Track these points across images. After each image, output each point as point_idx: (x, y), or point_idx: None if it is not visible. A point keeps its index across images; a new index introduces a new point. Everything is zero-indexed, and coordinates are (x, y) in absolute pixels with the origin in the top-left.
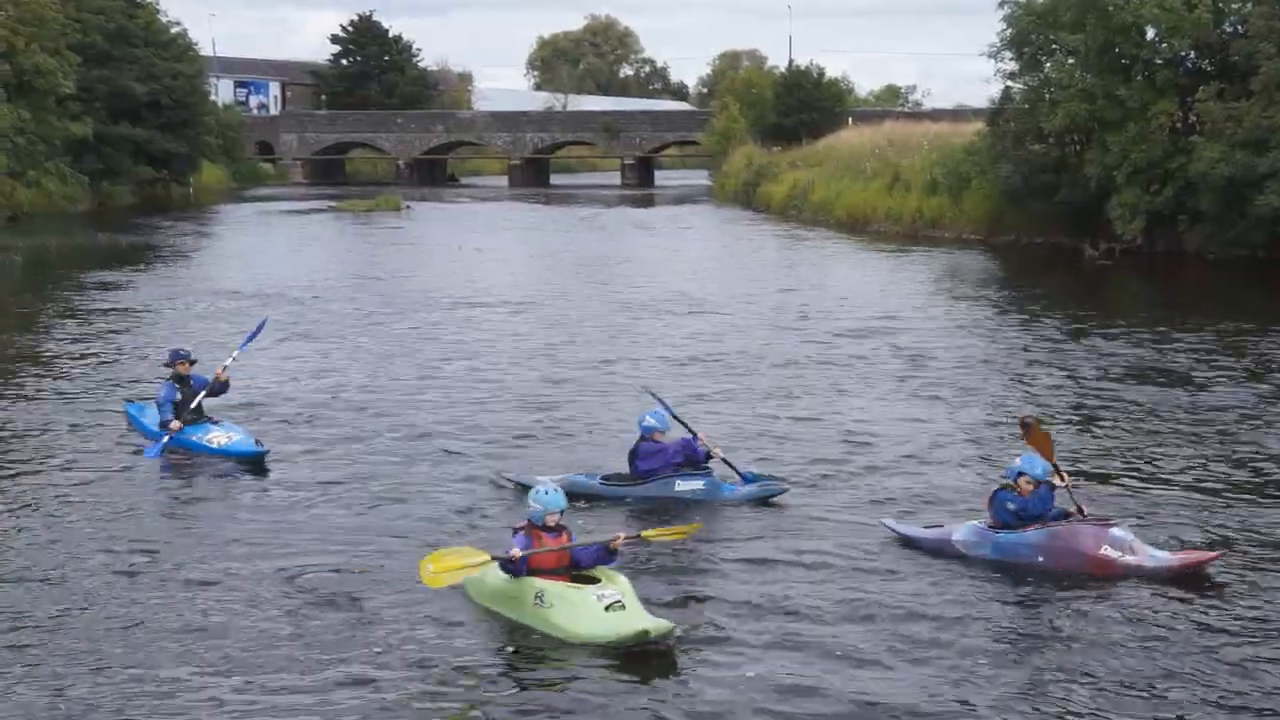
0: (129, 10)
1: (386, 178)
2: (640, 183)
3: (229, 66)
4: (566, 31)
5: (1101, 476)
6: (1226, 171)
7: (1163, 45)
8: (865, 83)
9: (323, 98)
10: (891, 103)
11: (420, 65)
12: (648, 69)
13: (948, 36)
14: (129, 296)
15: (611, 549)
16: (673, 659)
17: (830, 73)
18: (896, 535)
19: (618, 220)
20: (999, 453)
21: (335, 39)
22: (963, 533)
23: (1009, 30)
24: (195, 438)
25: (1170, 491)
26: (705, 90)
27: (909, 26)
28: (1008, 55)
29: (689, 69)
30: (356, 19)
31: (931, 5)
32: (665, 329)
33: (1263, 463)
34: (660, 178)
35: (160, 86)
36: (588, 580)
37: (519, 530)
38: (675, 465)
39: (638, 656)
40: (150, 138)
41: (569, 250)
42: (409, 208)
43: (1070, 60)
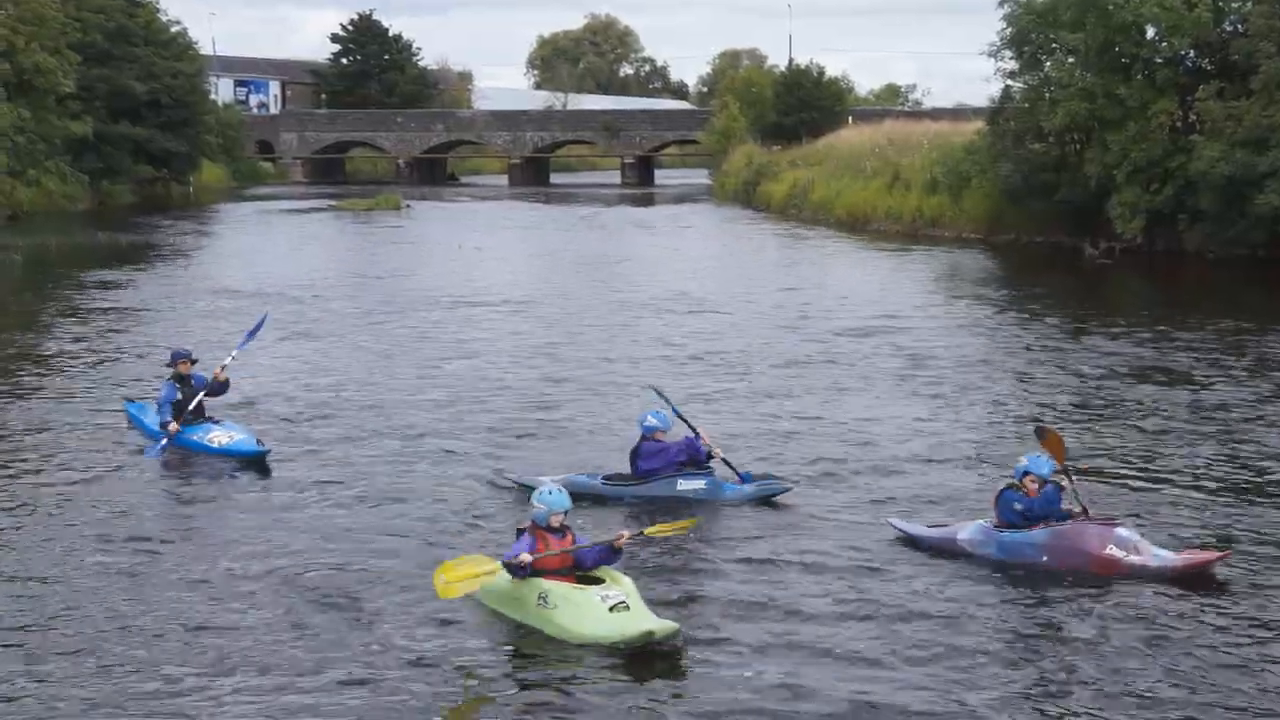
0: (129, 9)
1: (386, 177)
2: (640, 182)
3: (229, 65)
4: (566, 30)
5: (1101, 475)
6: (1226, 170)
7: (1163, 44)
8: (865, 82)
9: (323, 97)
10: (891, 102)
11: (420, 64)
12: (648, 68)
13: (948, 35)
14: (129, 295)
15: (615, 548)
16: (676, 660)
17: (830, 72)
18: (902, 534)
19: (618, 219)
20: (999, 452)
21: (335, 38)
22: (968, 532)
23: (1009, 29)
24: (196, 437)
25: (1170, 490)
26: (705, 89)
27: (909, 25)
28: (1008, 54)
29: (689, 68)
30: (356, 18)
31: (931, 4)
32: (665, 328)
33: (1263, 461)
34: (660, 177)
35: (160, 85)
36: (592, 581)
37: (523, 531)
38: (678, 465)
39: (641, 657)
40: (150, 137)
41: (569, 249)
42: (409, 207)
43: (1070, 59)
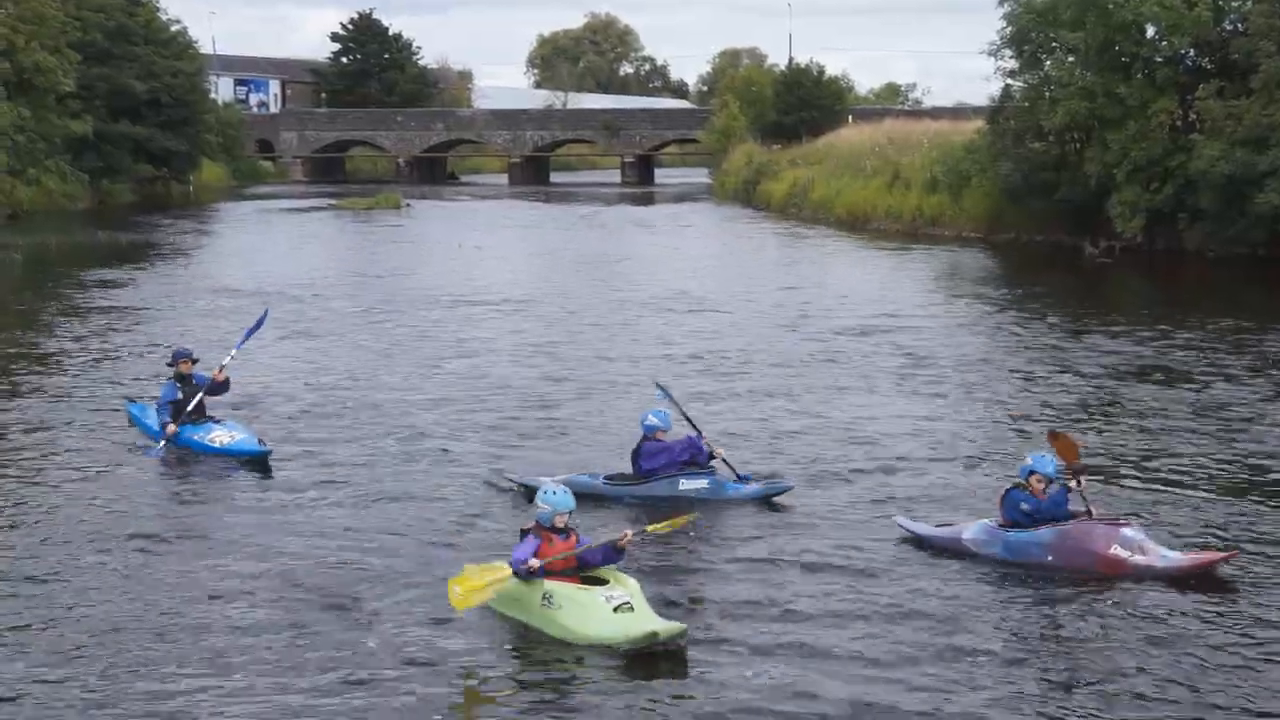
0: (129, 8)
1: (386, 176)
2: (640, 181)
3: (229, 64)
4: (566, 29)
5: (1101, 474)
6: (1226, 169)
7: (1163, 43)
8: (865, 81)
9: (323, 96)
10: (891, 101)
11: (420, 63)
12: (648, 67)
13: (948, 34)
14: (129, 294)
15: (619, 547)
16: (679, 661)
17: (830, 71)
18: (908, 533)
19: (618, 218)
20: (999, 451)
21: (335, 37)
22: (973, 531)
23: (1009, 28)
24: (198, 437)
25: (1169, 490)
26: (705, 88)
27: (909, 24)
28: (1008, 53)
29: (689, 67)
30: (356, 17)
31: (931, 3)
32: (665, 327)
33: (1264, 460)
34: (660, 176)
35: (160, 84)
36: (596, 581)
37: (527, 532)
38: (680, 464)
39: (641, 657)
40: (150, 136)
41: (569, 248)
42: (409, 206)
43: (1070, 58)
